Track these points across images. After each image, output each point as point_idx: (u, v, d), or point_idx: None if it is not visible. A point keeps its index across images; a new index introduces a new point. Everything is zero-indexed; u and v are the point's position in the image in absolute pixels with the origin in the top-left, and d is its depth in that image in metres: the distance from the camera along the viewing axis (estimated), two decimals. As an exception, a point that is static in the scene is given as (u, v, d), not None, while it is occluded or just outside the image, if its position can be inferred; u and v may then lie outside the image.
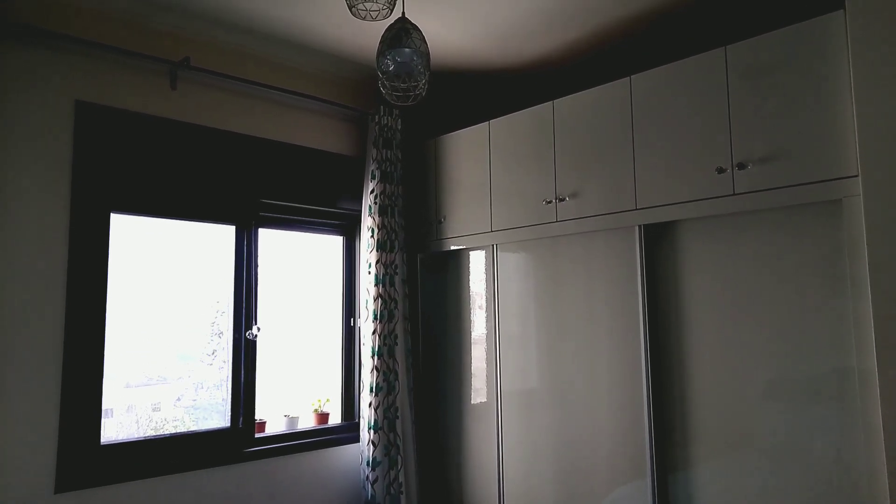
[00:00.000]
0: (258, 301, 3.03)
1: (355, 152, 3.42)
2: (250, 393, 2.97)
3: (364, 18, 1.96)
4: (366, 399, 3.15)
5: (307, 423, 3.22)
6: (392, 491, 3.11)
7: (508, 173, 3.03)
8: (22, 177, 2.38)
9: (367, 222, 3.26)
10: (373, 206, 3.25)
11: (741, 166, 2.24)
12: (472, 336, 3.23)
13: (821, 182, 2.07)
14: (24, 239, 2.37)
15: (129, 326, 2.72)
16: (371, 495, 3.07)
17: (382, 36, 2.03)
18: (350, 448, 3.24)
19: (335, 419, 3.34)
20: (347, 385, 3.42)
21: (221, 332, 3.00)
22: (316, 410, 3.25)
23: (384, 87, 2.09)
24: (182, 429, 2.93)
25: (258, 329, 3.00)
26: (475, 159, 3.19)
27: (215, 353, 2.99)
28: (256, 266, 3.05)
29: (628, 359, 2.57)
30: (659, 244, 2.55)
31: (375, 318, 3.16)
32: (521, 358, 2.99)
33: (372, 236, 3.22)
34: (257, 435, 2.98)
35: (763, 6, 2.70)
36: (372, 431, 3.11)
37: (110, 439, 2.61)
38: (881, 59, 1.91)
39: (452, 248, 3.30)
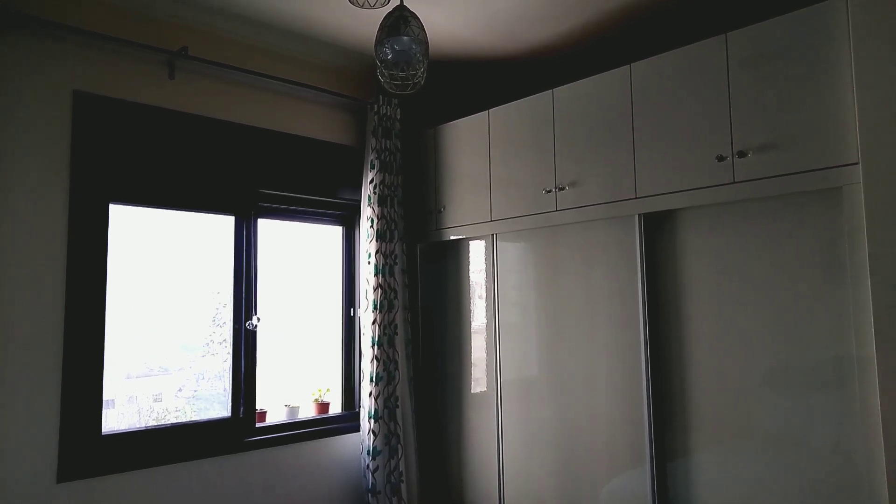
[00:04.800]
0: (258, 291, 3.03)
1: (354, 142, 3.41)
2: (251, 383, 2.97)
3: (362, 7, 1.95)
4: (366, 389, 3.16)
5: (308, 412, 3.23)
6: (392, 480, 3.13)
7: (508, 162, 3.03)
8: (20, 167, 2.38)
9: (367, 212, 3.25)
10: (372, 195, 3.24)
11: (741, 154, 2.23)
12: (472, 325, 3.24)
13: (821, 170, 2.06)
14: (23, 229, 2.37)
15: (130, 317, 2.72)
16: (371, 484, 3.09)
17: (381, 24, 2.02)
18: (350, 437, 3.25)
19: (335, 409, 3.36)
20: (348, 375, 3.43)
21: (224, 322, 3.01)
22: (316, 400, 3.26)
23: (383, 75, 2.08)
24: (183, 419, 2.94)
25: (258, 319, 3.00)
26: (475, 148, 3.18)
27: (225, 341, 2.99)
28: (256, 256, 3.05)
29: (628, 347, 2.57)
30: (659, 233, 2.54)
31: (375, 307, 3.17)
32: (520, 347, 2.99)
33: (371, 226, 3.22)
34: (258, 424, 2.99)
35: (764, -7, 2.68)
36: (372, 421, 3.12)
37: (112, 429, 2.62)
38: (882, 47, 1.89)
39: (452, 237, 3.30)
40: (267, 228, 3.16)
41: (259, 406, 3.02)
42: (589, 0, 2.74)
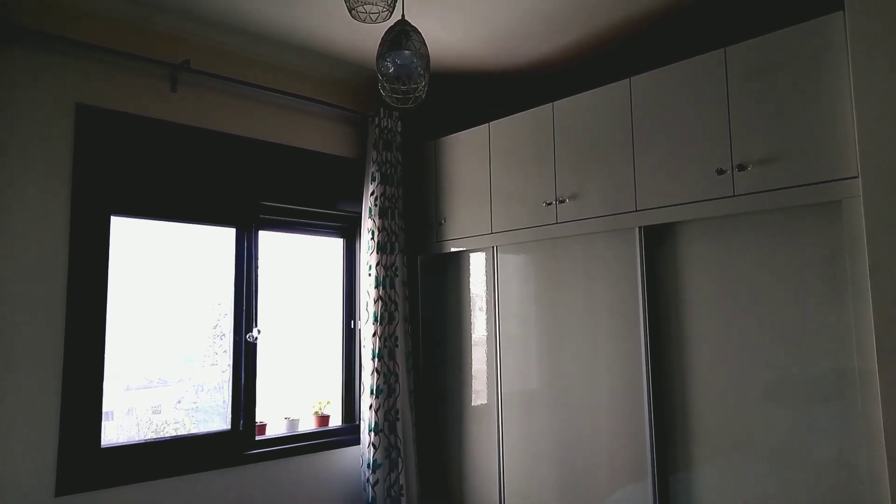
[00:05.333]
0: (258, 303, 3.03)
1: (355, 154, 3.43)
2: (251, 395, 2.96)
3: (364, 21, 1.96)
4: (366, 401, 3.15)
5: (308, 425, 3.22)
6: (393, 493, 3.11)
7: (508, 175, 3.04)
8: (22, 179, 2.38)
9: (368, 224, 3.26)
10: (373, 208, 3.25)
11: (741, 168, 2.24)
12: (473, 338, 3.23)
13: (821, 183, 2.07)
14: (24, 241, 2.37)
15: (130, 329, 2.72)
16: (371, 498, 3.07)
17: (382, 38, 2.04)
18: (350, 450, 3.24)
19: (336, 421, 3.34)
20: (348, 387, 3.42)
21: (224, 334, 3.00)
22: (316, 413, 3.25)
23: (384, 89, 2.10)
24: (182, 431, 2.93)
25: (259, 331, 3.00)
26: (475, 161, 3.19)
27: (225, 353, 2.98)
28: (257, 268, 3.05)
29: (629, 360, 2.56)
30: (659, 246, 2.55)
31: (376, 320, 3.16)
32: (521, 360, 2.99)
33: (372, 238, 3.22)
34: (258, 437, 2.98)
35: (762, 7, 2.70)
36: (372, 434, 3.11)
37: (111, 442, 2.61)
38: (881, 60, 1.91)
39: (453, 249, 3.30)
40: (268, 240, 3.16)
41: (259, 419, 3.01)
42: (588, 15, 2.76)
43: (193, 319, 2.98)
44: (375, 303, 3.17)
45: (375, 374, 3.14)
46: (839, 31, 2.05)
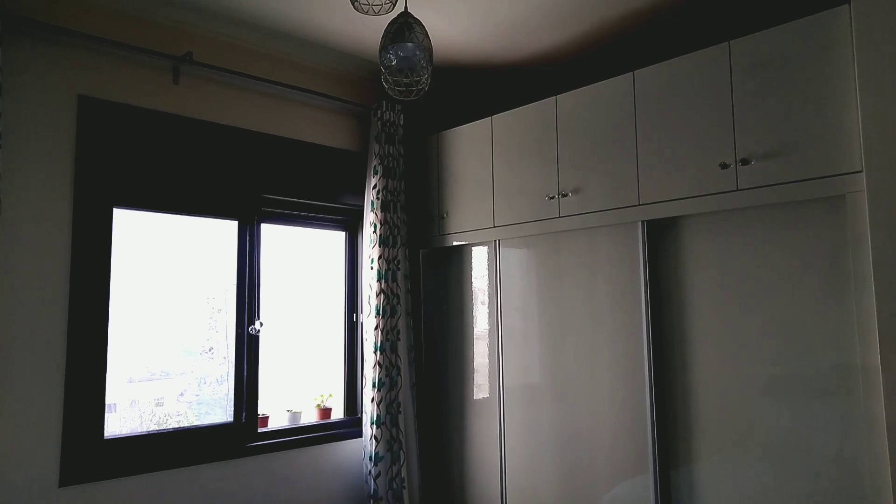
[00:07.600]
0: (261, 296, 3.03)
1: (357, 147, 3.42)
2: (253, 388, 2.97)
3: (366, 13, 1.96)
4: (368, 394, 3.16)
5: (310, 418, 3.23)
6: (394, 486, 3.12)
7: (511, 169, 3.03)
8: (25, 171, 2.38)
9: (370, 218, 3.26)
10: (375, 201, 3.25)
11: (745, 162, 2.23)
12: (475, 331, 3.23)
13: (825, 178, 2.06)
14: (27, 234, 2.37)
15: (133, 321, 2.72)
16: (373, 490, 3.08)
17: (385, 30, 2.03)
18: (352, 443, 3.25)
19: (338, 414, 3.35)
20: (350, 380, 3.43)
21: (225, 326, 3.01)
22: (318, 405, 3.26)
23: (387, 81, 2.09)
24: (185, 423, 2.94)
25: (261, 324, 3.00)
26: (478, 155, 3.19)
27: (227, 346, 2.99)
28: (259, 261, 3.05)
29: (631, 354, 2.56)
30: (662, 240, 2.54)
31: (378, 313, 3.17)
32: (523, 353, 2.99)
33: (374, 232, 3.22)
34: (260, 430, 2.99)
35: (767, 1, 2.69)
36: (374, 426, 3.12)
37: (114, 434, 2.62)
38: (886, 55, 1.90)
39: (455, 243, 3.30)
40: (270, 233, 3.16)
41: (261, 411, 3.02)
42: (591, 8, 2.75)
43: (196, 312, 2.99)
44: (378, 296, 3.18)
45: (377, 367, 3.14)
46: (844, 25, 2.04)
